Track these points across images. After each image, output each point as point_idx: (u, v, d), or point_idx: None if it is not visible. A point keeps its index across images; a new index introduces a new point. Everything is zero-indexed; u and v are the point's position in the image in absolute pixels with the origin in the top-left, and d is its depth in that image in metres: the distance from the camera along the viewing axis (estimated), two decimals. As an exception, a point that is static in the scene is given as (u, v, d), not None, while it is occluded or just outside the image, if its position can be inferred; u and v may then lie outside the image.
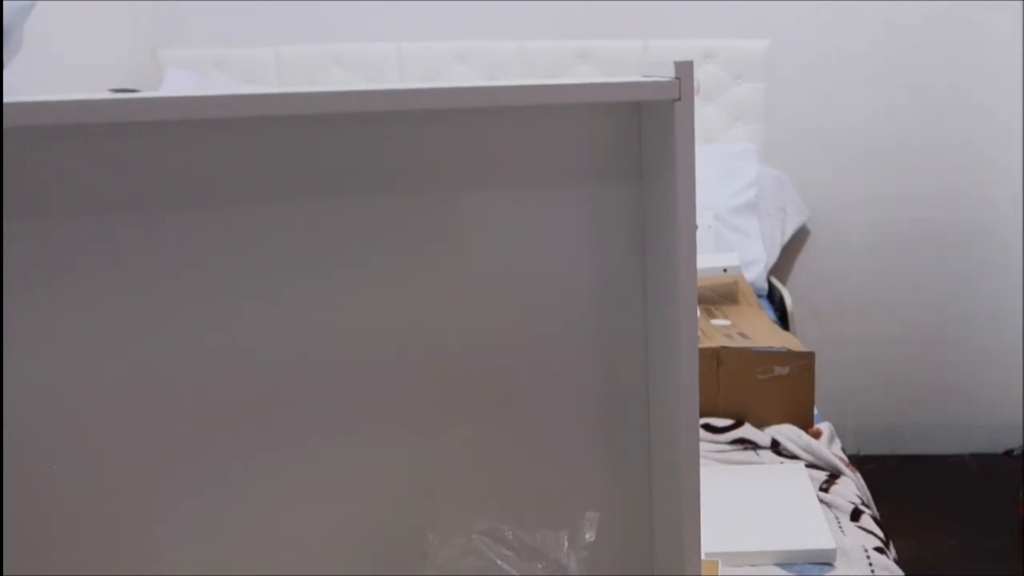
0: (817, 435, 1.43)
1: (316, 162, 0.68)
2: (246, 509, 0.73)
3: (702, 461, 1.38)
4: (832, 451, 1.40)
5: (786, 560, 1.11)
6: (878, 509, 1.35)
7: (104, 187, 0.64)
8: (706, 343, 1.59)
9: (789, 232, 2.44)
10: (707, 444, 1.41)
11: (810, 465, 1.36)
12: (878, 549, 1.14)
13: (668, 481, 0.77)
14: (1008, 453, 2.44)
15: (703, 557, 1.00)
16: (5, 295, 0.64)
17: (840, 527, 1.20)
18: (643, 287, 0.77)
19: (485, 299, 0.74)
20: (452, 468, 0.77)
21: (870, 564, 1.11)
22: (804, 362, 1.46)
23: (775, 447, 1.41)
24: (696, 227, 0.70)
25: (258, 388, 0.71)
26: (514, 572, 0.68)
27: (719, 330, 1.75)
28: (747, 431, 1.43)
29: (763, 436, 1.42)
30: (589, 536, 0.71)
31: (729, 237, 2.30)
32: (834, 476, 1.33)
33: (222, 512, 0.72)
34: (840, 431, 1.56)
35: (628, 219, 0.75)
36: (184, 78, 2.26)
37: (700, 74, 2.35)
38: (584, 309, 0.76)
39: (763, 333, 1.74)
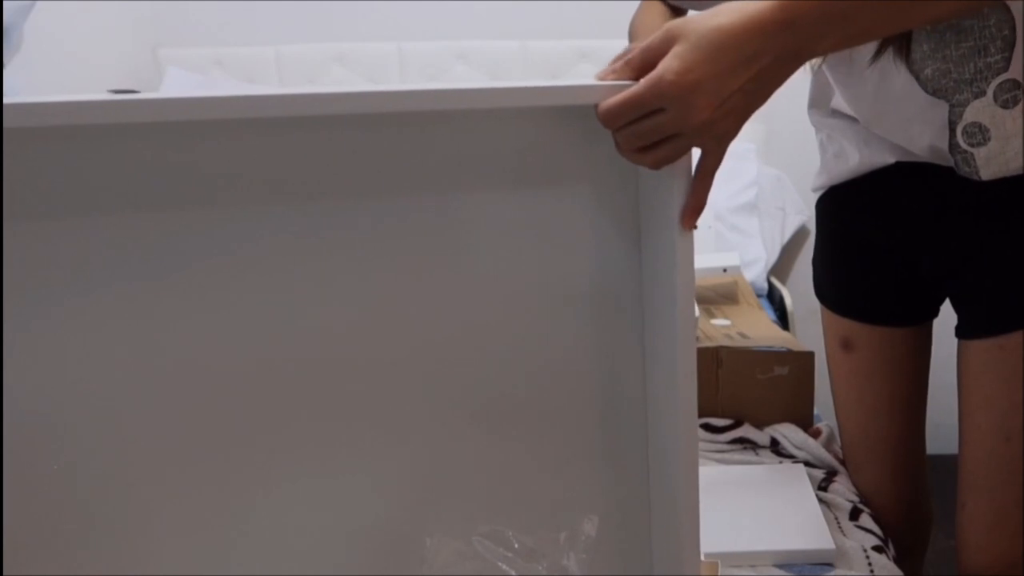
0: (816, 434, 1.43)
1: (315, 162, 0.68)
2: (246, 510, 0.73)
3: (701, 461, 1.38)
4: (832, 450, 1.40)
5: (785, 560, 1.11)
6: (877, 509, 1.35)
7: (104, 187, 0.64)
8: (706, 343, 1.59)
9: (789, 232, 2.43)
10: (706, 444, 1.41)
11: (808, 463, 1.36)
12: (877, 548, 1.14)
13: (666, 482, 0.77)
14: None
15: (702, 558, 1.00)
16: (5, 295, 0.64)
17: (839, 527, 1.20)
18: (640, 289, 0.77)
19: (483, 301, 0.74)
20: (451, 470, 0.77)
21: (869, 564, 1.11)
22: (804, 362, 1.46)
23: (774, 446, 1.41)
24: (695, 227, 0.70)
25: (257, 389, 0.71)
26: (513, 573, 0.69)
27: (719, 330, 1.75)
28: (746, 431, 1.43)
29: (762, 436, 1.42)
30: (589, 537, 0.71)
31: (729, 237, 2.30)
32: (832, 474, 1.33)
33: (222, 513, 0.72)
34: (840, 431, 1.56)
35: (625, 219, 0.75)
36: (184, 77, 2.26)
37: (700, 74, 2.34)
38: (582, 311, 0.76)
39: (763, 333, 1.74)
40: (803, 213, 2.44)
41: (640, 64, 0.65)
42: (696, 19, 0.63)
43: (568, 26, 2.43)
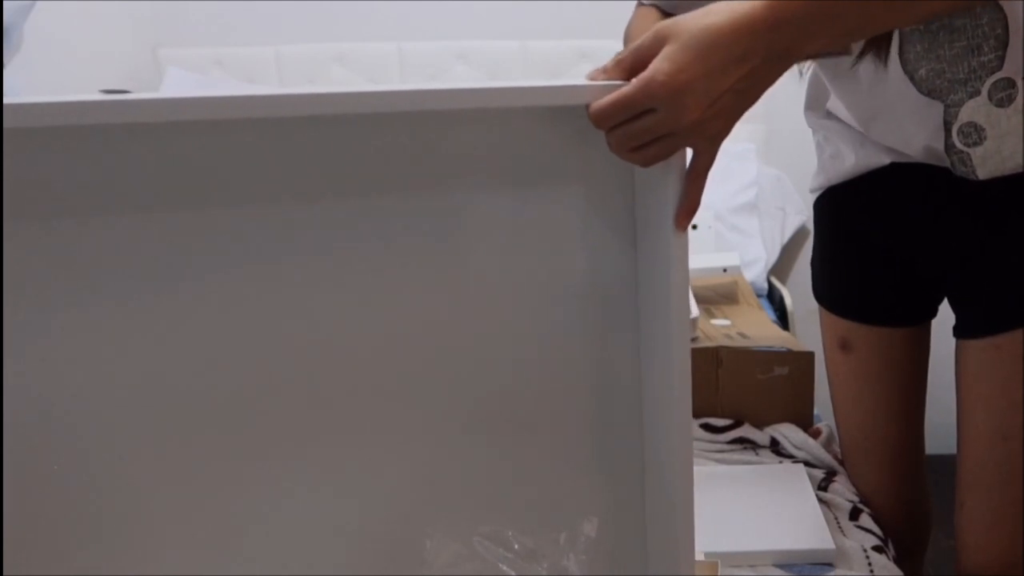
0: (816, 434, 1.43)
1: (314, 162, 0.68)
2: (246, 510, 0.73)
3: (701, 461, 1.38)
4: (832, 449, 1.40)
5: (785, 560, 1.11)
6: (877, 509, 1.35)
7: (104, 187, 0.64)
8: (706, 343, 1.59)
9: (789, 232, 2.43)
10: (706, 444, 1.41)
11: (808, 463, 1.36)
12: (877, 548, 1.14)
13: (661, 481, 0.77)
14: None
15: (702, 558, 1.00)
16: (5, 295, 0.64)
17: (839, 527, 1.20)
18: (636, 288, 0.77)
19: (480, 301, 0.74)
20: (450, 471, 0.77)
21: (869, 564, 1.11)
22: (804, 362, 1.46)
23: (774, 446, 1.41)
24: (695, 226, 0.70)
25: (257, 390, 0.71)
26: (513, 574, 0.69)
27: (719, 330, 1.75)
28: (746, 431, 1.43)
29: (762, 436, 1.42)
30: (588, 538, 0.71)
31: (729, 237, 2.29)
32: (832, 474, 1.33)
33: (222, 514, 0.72)
34: (840, 431, 1.56)
35: (621, 219, 0.75)
36: (184, 77, 2.25)
37: (700, 74, 2.33)
38: (578, 310, 0.76)
39: (763, 333, 1.74)
40: (803, 213, 2.44)
41: (631, 64, 0.65)
42: (686, 19, 0.63)
43: (568, 26, 2.43)
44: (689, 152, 0.69)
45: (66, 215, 0.64)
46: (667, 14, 1.07)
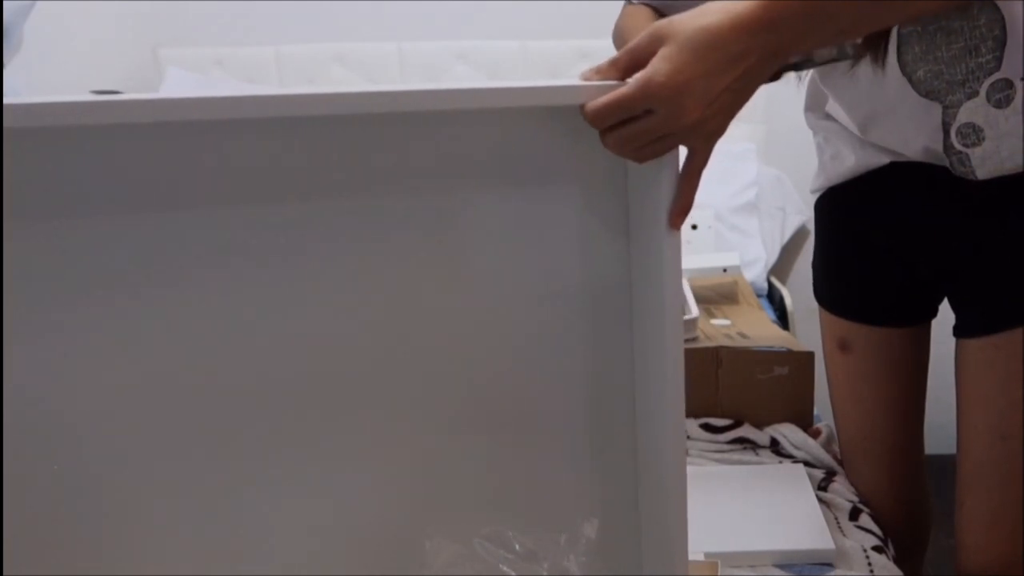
0: (816, 434, 1.42)
1: (312, 162, 0.68)
2: (246, 511, 0.73)
3: (701, 461, 1.38)
4: (832, 450, 1.40)
5: (785, 560, 1.11)
6: (877, 509, 1.35)
7: (104, 187, 0.64)
8: (706, 343, 1.59)
9: (789, 232, 2.43)
10: (706, 444, 1.41)
11: (808, 463, 1.36)
12: (877, 548, 1.14)
13: (655, 481, 0.77)
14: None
15: (703, 558, 1.00)
16: (5, 295, 0.64)
17: (839, 527, 1.20)
18: (630, 287, 0.77)
19: (476, 301, 0.74)
20: (450, 472, 0.77)
21: (869, 564, 1.11)
22: (804, 362, 1.46)
23: (774, 446, 1.41)
24: (695, 226, 0.70)
25: (257, 390, 0.71)
26: (514, 574, 0.69)
27: (719, 330, 1.74)
28: (746, 431, 1.43)
29: (762, 436, 1.42)
30: (589, 539, 0.71)
31: (729, 237, 2.29)
32: (831, 474, 1.33)
33: (222, 514, 0.72)
34: (840, 431, 1.56)
35: (614, 219, 0.75)
36: (184, 77, 2.25)
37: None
38: (573, 310, 0.76)
39: (763, 333, 1.74)
40: (803, 213, 2.44)
41: (627, 65, 0.65)
42: (682, 20, 0.64)
43: (568, 26, 2.42)
44: (683, 151, 0.69)
45: (66, 215, 0.64)
46: (660, 13, 1.07)
